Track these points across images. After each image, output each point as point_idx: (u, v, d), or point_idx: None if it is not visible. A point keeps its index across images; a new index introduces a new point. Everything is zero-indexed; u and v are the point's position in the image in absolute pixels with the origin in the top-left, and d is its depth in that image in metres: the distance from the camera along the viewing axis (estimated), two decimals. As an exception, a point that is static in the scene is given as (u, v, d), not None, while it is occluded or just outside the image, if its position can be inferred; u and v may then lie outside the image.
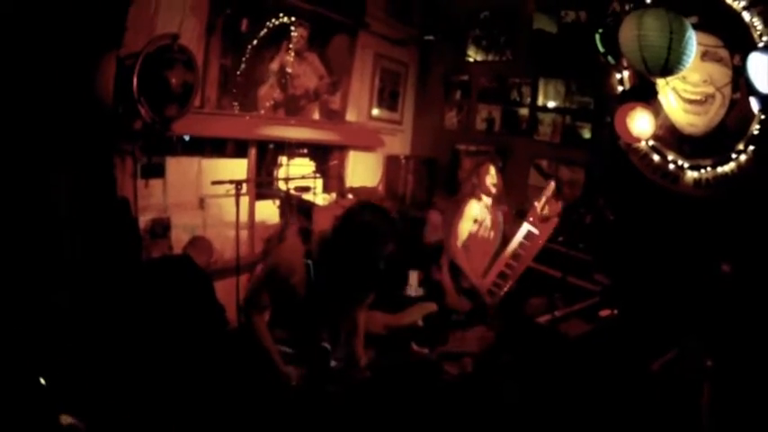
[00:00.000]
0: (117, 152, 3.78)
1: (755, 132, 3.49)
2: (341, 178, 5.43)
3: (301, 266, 2.48)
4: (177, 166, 4.25)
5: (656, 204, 4.14)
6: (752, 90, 3.10)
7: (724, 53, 3.54)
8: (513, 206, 4.43)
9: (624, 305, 3.65)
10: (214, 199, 4.56)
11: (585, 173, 4.77)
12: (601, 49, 3.76)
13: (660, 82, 3.95)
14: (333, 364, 2.71)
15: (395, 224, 2.42)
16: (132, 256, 3.84)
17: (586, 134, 4.78)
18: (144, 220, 4.07)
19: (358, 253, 2.29)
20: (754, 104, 3.24)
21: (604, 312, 3.67)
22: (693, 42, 3.02)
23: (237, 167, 4.69)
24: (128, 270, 3.66)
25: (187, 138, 4.20)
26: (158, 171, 4.13)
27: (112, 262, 3.50)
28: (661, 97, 4.03)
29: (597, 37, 3.72)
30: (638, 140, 3.99)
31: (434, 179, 5.70)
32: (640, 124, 3.76)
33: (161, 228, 4.23)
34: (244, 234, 4.77)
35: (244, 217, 4.67)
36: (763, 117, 3.39)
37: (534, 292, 4.11)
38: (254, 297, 2.62)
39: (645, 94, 3.80)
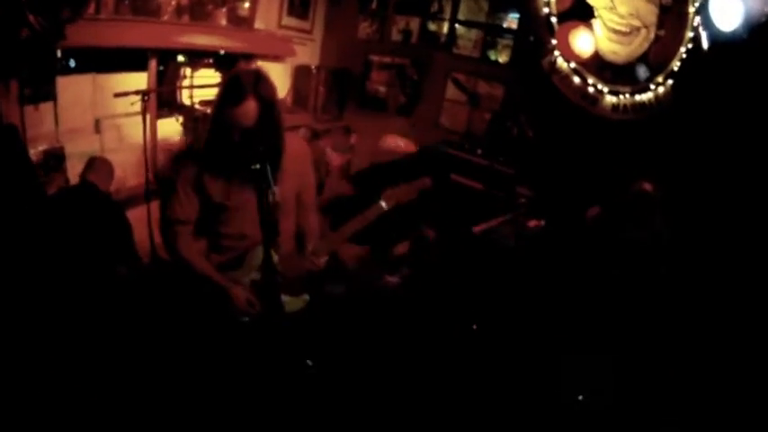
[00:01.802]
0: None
1: (675, 69, 3.77)
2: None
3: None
4: (69, 87, 3.63)
5: (574, 123, 4.39)
6: (709, 28, 3.28)
7: (655, -8, 3.70)
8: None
9: (549, 216, 3.92)
10: (111, 120, 4.02)
11: (504, 89, 4.86)
12: None
13: (588, 8, 4.04)
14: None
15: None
16: (29, 190, 3.27)
17: (507, 51, 4.81)
18: (35, 152, 3.45)
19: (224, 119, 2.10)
20: (705, 42, 3.46)
21: (532, 223, 3.92)
22: None
23: (136, 82, 4.07)
24: (26, 207, 3.13)
25: (72, 64, 3.55)
26: (48, 94, 3.47)
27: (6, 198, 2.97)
28: (587, 23, 4.14)
29: None
30: (579, 58, 4.11)
31: (346, 91, 5.45)
32: (582, 43, 3.91)
33: (54, 159, 3.63)
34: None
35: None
36: (684, 56, 3.65)
37: (457, 203, 4.25)
38: (167, 210, 2.33)
39: (584, 13, 3.87)
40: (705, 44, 3.49)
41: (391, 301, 3.31)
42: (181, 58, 4.37)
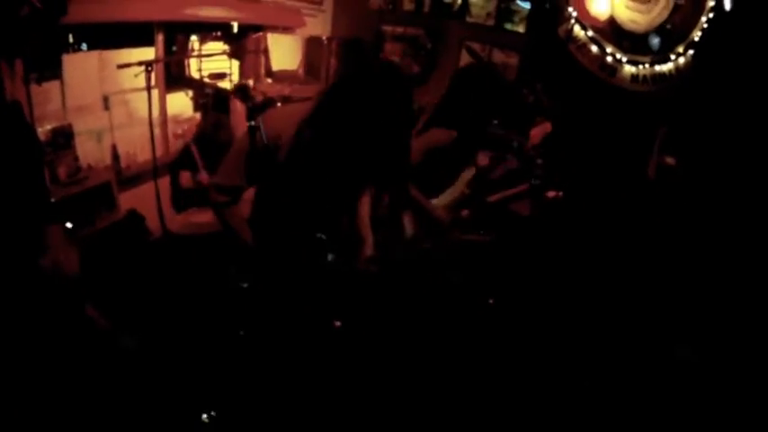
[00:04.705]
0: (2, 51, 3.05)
1: (696, 39, 3.59)
2: (267, 59, 4.88)
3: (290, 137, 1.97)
4: (75, 64, 3.62)
5: (592, 94, 4.22)
6: None
7: (673, -43, 3.50)
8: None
9: (568, 187, 3.82)
10: (120, 95, 4.01)
11: (520, 58, 4.69)
12: None
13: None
14: (330, 257, 2.23)
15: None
16: (35, 169, 3.29)
17: (522, 19, 4.63)
18: (43, 131, 3.48)
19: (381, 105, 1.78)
20: (728, 4, 3.29)
21: (551, 193, 3.83)
22: None
23: (144, 57, 4.00)
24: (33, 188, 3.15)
25: (85, 47, 3.59)
26: (54, 72, 3.46)
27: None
28: (606, -11, 3.95)
29: None
30: (596, 21, 3.94)
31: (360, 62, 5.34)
32: (599, 4, 3.73)
33: (63, 137, 3.64)
34: (156, 132, 4.25)
35: (155, 112, 4.12)
36: (706, 26, 3.47)
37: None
38: (224, 176, 2.10)
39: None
40: (728, 5, 3.29)
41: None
42: (193, 37, 4.34)
